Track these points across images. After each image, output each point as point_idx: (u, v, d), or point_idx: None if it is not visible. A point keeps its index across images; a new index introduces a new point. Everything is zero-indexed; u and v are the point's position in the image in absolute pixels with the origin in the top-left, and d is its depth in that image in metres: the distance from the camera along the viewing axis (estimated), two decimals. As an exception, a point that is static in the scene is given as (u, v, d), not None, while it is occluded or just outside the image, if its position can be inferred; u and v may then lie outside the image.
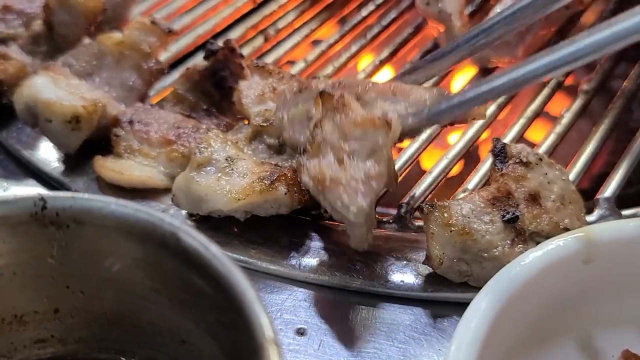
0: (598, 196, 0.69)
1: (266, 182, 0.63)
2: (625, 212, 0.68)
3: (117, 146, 0.72)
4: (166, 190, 0.71)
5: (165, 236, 0.43)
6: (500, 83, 0.58)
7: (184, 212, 0.68)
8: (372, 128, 0.59)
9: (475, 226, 0.59)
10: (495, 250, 0.58)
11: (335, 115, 0.60)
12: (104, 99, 0.73)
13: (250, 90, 0.72)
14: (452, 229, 0.58)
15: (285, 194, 0.63)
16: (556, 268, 0.50)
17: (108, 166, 0.70)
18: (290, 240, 0.67)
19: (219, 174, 0.64)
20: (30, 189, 0.73)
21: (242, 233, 0.67)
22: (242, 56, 0.77)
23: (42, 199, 0.45)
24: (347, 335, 0.59)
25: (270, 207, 0.64)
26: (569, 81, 0.90)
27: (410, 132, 0.66)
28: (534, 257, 0.50)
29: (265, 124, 0.68)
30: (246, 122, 0.73)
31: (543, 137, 0.78)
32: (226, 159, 0.65)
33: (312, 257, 0.65)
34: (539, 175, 0.63)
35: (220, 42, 0.77)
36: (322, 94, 0.62)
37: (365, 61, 0.96)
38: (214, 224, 0.67)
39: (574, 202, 0.62)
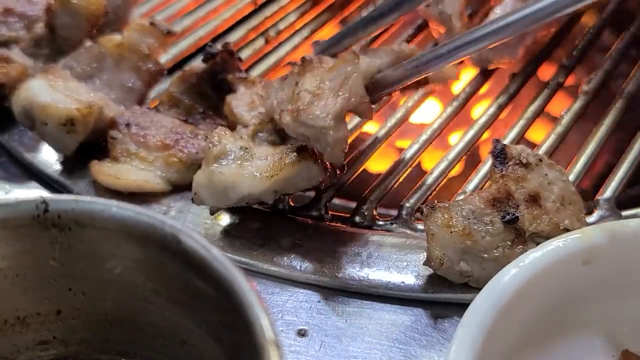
0: (598, 197, 0.69)
1: (293, 155, 0.63)
2: (625, 213, 0.68)
3: (114, 149, 0.72)
4: (165, 194, 0.71)
5: (166, 238, 0.44)
6: (468, 40, 0.64)
7: (202, 211, 0.68)
8: (342, 64, 0.64)
9: (475, 227, 0.59)
10: (495, 251, 0.58)
11: (313, 70, 0.65)
12: (101, 102, 0.73)
13: (239, 101, 0.72)
14: (453, 230, 0.59)
15: (315, 162, 0.63)
16: (556, 269, 0.50)
17: (104, 171, 0.70)
18: (292, 242, 0.67)
19: (239, 161, 0.64)
20: (32, 192, 0.73)
21: (244, 234, 0.67)
22: (240, 59, 0.77)
23: (44, 201, 0.45)
24: (348, 336, 0.59)
25: (302, 179, 0.64)
26: (569, 81, 0.90)
27: (389, 81, 0.68)
28: (533, 257, 0.50)
29: (264, 123, 0.69)
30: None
31: (543, 137, 0.79)
32: (241, 149, 0.65)
33: (313, 259, 0.65)
34: (538, 176, 0.63)
35: (219, 45, 0.78)
36: (302, 59, 0.66)
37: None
38: (216, 227, 0.68)
39: (573, 203, 0.62)
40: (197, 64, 0.79)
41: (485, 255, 0.58)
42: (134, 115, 0.74)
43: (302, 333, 0.60)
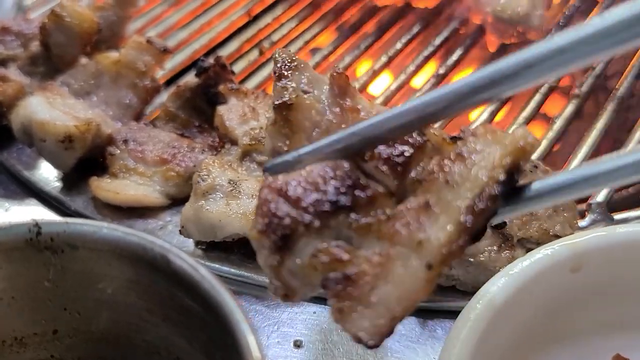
0: (590, 201, 0.69)
1: None
2: (617, 217, 0.68)
3: (112, 165, 0.73)
4: (163, 208, 0.72)
5: (155, 258, 0.44)
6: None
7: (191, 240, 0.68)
8: None
9: None
10: (481, 255, 0.59)
11: None
12: (98, 118, 0.74)
13: (231, 113, 0.72)
14: None
15: None
16: (544, 277, 0.51)
17: (103, 186, 0.71)
18: (286, 254, 0.67)
19: (227, 199, 0.65)
20: (31, 209, 0.74)
21: (239, 247, 0.67)
22: (232, 72, 0.78)
23: (37, 224, 0.46)
24: (343, 347, 0.60)
25: None
26: (564, 82, 0.90)
27: None
28: (521, 266, 0.50)
29: (254, 142, 0.69)
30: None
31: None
32: (229, 183, 0.65)
33: (307, 270, 0.66)
34: (532, 182, 0.63)
35: (211, 59, 0.78)
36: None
37: (364, 67, 0.97)
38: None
39: (567, 209, 0.62)
40: (191, 78, 0.80)
41: (471, 260, 0.59)
42: (131, 131, 0.75)
43: (298, 344, 0.60)
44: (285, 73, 0.49)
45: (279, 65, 0.49)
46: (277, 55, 0.49)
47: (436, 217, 0.39)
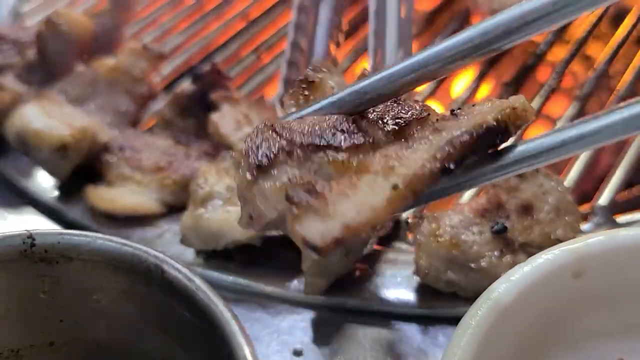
0: (593, 204, 0.69)
1: None
2: (620, 219, 0.67)
3: (108, 173, 0.72)
4: (160, 216, 0.71)
5: (150, 269, 0.44)
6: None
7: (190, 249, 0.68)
8: None
9: (463, 237, 0.59)
10: (482, 261, 0.58)
11: None
12: (95, 126, 0.74)
13: (224, 120, 0.72)
14: (439, 239, 0.59)
15: None
16: (545, 283, 0.50)
17: (100, 195, 0.71)
18: (286, 262, 0.66)
19: (226, 206, 0.64)
20: (28, 218, 0.73)
21: (237, 255, 0.67)
22: (228, 78, 0.78)
23: (31, 236, 0.46)
24: (344, 354, 0.59)
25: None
26: (567, 83, 0.90)
27: None
28: (523, 272, 0.50)
29: None
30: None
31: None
32: (227, 189, 0.65)
33: (307, 277, 0.65)
34: (533, 186, 0.62)
35: (207, 66, 0.78)
36: None
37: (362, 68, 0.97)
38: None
39: (569, 214, 0.62)
40: (188, 84, 0.80)
41: (472, 265, 0.58)
42: (127, 139, 0.75)
43: (297, 352, 0.60)
44: (317, 69, 0.50)
45: (311, 67, 0.50)
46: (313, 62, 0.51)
47: (414, 150, 0.40)
